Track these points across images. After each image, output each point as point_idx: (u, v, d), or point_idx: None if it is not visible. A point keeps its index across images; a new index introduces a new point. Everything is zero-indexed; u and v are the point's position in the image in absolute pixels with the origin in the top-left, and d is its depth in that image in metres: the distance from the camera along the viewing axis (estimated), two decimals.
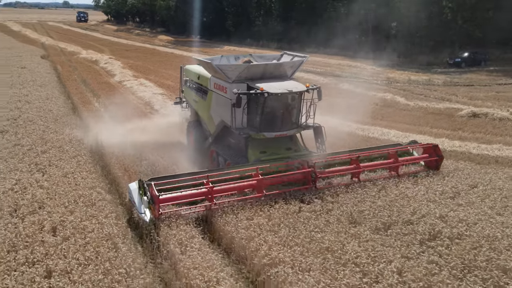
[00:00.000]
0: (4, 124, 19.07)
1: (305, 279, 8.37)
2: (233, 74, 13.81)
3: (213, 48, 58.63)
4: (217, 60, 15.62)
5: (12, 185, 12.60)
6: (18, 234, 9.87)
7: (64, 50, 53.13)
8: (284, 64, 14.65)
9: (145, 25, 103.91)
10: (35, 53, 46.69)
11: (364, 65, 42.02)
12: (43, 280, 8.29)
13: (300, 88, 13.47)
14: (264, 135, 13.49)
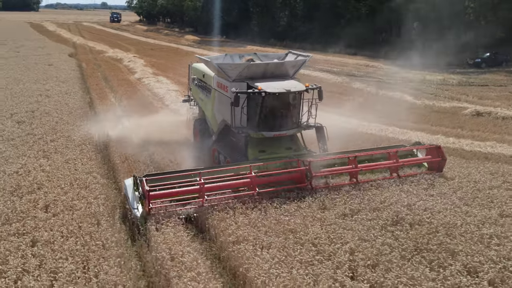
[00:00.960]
0: (22, 116, 20.43)
1: (262, 255, 9.08)
2: (234, 73, 13.81)
3: (236, 47, 59.57)
4: (220, 59, 15.81)
5: (17, 168, 13.76)
6: (14, 210, 10.93)
7: (93, 49, 55.13)
8: (286, 64, 14.59)
9: (175, 25, 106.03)
10: (64, 51, 48.72)
11: (382, 65, 42.18)
12: (28, 248, 9.28)
13: (299, 87, 13.36)
14: (263, 135, 13.45)
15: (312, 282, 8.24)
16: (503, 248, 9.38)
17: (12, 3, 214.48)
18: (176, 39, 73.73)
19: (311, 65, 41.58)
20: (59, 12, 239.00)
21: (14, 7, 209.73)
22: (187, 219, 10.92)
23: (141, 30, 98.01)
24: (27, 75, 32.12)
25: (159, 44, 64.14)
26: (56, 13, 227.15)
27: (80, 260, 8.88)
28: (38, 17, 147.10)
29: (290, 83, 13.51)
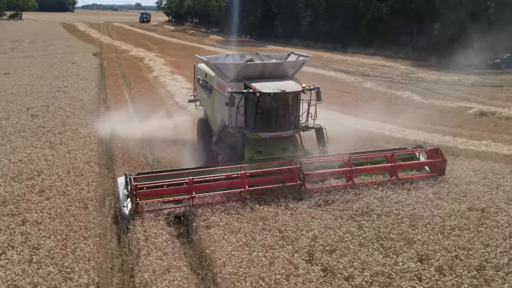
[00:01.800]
0: (37, 110, 21.62)
1: (229, 239, 9.71)
2: (231, 73, 13.77)
3: (257, 47, 60.21)
4: (221, 59, 15.87)
5: (22, 157, 14.79)
6: (12, 193, 11.90)
7: (117, 48, 56.76)
8: (284, 64, 14.48)
9: (201, 25, 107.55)
10: (89, 50, 50.41)
11: (399, 65, 42.06)
12: (17, 226, 10.18)
13: (295, 88, 13.14)
14: (259, 135, 13.26)
15: (268, 264, 8.80)
16: (460, 239, 9.71)
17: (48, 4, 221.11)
18: (200, 39, 74.92)
19: (327, 65, 42.06)
20: (93, 13, 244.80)
21: (51, 8, 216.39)
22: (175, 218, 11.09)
23: (168, 30, 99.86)
24: (49, 72, 33.60)
25: (182, 43, 65.42)
26: (90, 13, 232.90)
27: (61, 239, 9.68)
28: (72, 18, 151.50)
29: (286, 84, 13.33)
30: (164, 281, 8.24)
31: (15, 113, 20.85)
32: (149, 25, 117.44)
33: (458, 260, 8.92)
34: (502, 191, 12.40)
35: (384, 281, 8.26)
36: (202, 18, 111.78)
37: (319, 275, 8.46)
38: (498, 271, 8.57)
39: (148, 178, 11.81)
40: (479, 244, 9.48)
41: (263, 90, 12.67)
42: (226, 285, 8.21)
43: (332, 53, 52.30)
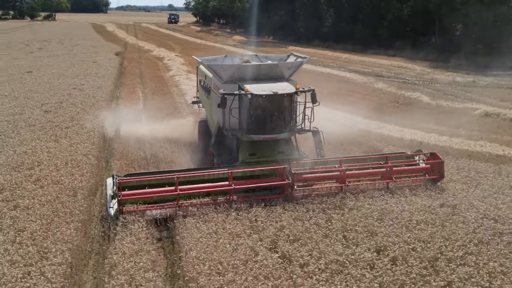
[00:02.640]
0: (50, 106, 22.67)
1: (200, 227, 10.28)
2: (225, 75, 13.77)
3: (278, 48, 60.70)
4: (220, 60, 15.92)
5: (27, 149, 15.69)
6: (10, 181, 12.76)
7: (141, 48, 58.16)
8: (280, 65, 14.37)
9: (227, 26, 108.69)
10: (113, 50, 51.84)
11: (416, 66, 41.83)
12: (8, 211, 10.98)
13: (288, 90, 12.90)
14: (252, 138, 13.09)
15: (231, 250, 9.32)
16: (422, 233, 10.00)
17: (82, 6, 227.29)
18: (223, 40, 75.78)
19: (343, 66, 42.16)
20: (125, 14, 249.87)
21: (85, 9, 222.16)
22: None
23: (194, 31, 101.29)
24: (70, 71, 34.89)
25: (205, 44, 66.37)
26: (122, 14, 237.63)
27: (46, 223, 10.40)
28: (103, 19, 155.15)
29: (280, 85, 13.13)
30: (130, 262, 8.86)
31: (30, 109, 21.92)
32: (176, 26, 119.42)
33: (414, 252, 9.25)
34: (480, 189, 12.59)
35: (336, 268, 8.67)
36: (228, 19, 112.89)
37: (276, 261, 8.93)
38: (450, 263, 8.86)
39: (135, 180, 11.72)
40: (439, 238, 9.77)
41: (254, 91, 12.55)
42: (187, 268, 8.77)
43: (351, 54, 52.26)
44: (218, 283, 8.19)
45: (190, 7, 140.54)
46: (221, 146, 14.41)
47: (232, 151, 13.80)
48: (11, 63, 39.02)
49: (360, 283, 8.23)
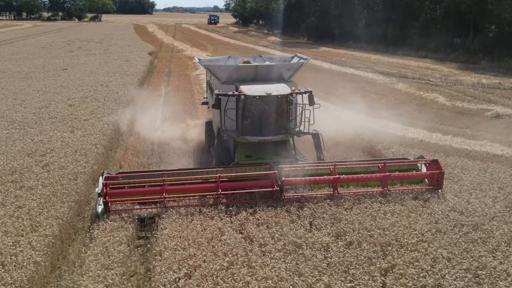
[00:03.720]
0: (75, 101, 24.19)
1: (179, 209, 11.16)
2: (223, 75, 13.88)
3: (309, 49, 61.17)
4: (222, 61, 16.15)
5: (43, 138, 17.06)
6: (21, 165, 14.05)
7: (175, 48, 59.96)
8: (279, 66, 14.30)
9: (265, 27, 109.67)
10: (147, 49, 53.68)
11: (444, 68, 41.42)
12: (14, 190, 12.20)
13: (282, 91, 12.71)
14: (247, 139, 12.98)
15: (201, 229, 10.15)
16: (385, 221, 10.51)
17: (129, 7, 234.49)
18: (257, 40, 76.77)
19: (369, 67, 42.21)
20: (170, 15, 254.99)
21: (131, 10, 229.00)
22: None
23: (231, 32, 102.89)
24: (102, 69, 36.67)
25: (238, 44, 67.55)
26: (168, 16, 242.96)
27: (44, 201, 11.54)
28: (147, 20, 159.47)
29: (275, 87, 12.96)
30: (107, 236, 9.85)
31: (56, 103, 23.49)
32: (215, 27, 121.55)
33: (371, 238, 9.79)
34: (459, 184, 12.89)
35: (292, 249, 9.36)
36: (266, 20, 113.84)
37: (238, 241, 9.68)
38: (401, 248, 9.35)
39: (128, 177, 12.04)
40: (399, 227, 10.24)
41: (248, 92, 12.49)
42: (157, 242, 9.67)
43: (381, 55, 52.11)
44: (180, 257, 9.03)
45: (230, 8, 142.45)
46: (219, 147, 14.39)
47: (229, 153, 13.85)
48: (50, 61, 41.34)
49: (309, 262, 8.87)
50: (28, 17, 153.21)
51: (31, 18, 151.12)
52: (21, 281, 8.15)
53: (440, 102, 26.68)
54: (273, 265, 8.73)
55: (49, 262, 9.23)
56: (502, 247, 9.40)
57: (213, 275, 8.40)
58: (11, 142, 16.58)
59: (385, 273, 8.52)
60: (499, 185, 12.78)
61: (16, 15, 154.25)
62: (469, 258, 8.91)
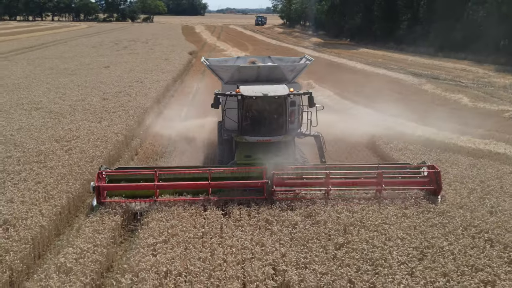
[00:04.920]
0: (109, 95, 26.11)
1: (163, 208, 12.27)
2: (226, 75, 14.18)
3: (349, 50, 61.47)
4: (231, 61, 16.62)
5: (73, 127, 18.86)
6: (48, 149, 15.80)
7: (216, 48, 61.86)
8: (281, 67, 14.39)
9: (310, 28, 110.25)
10: (188, 49, 55.83)
11: (480, 69, 40.99)
12: (37, 169, 13.84)
13: (280, 92, 12.78)
14: (246, 139, 13.19)
15: (187, 206, 11.38)
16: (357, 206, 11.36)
17: (182, 8, 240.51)
18: (300, 41, 77.62)
19: (403, 68, 42.31)
20: (222, 17, 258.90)
21: (184, 11, 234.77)
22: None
23: (276, 33, 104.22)
24: (141, 67, 38.84)
25: (279, 45, 68.67)
26: (219, 17, 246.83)
27: (60, 178, 13.12)
28: (197, 21, 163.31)
29: (274, 87, 13.05)
30: (107, 209, 11.27)
31: (91, 97, 25.49)
32: (261, 28, 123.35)
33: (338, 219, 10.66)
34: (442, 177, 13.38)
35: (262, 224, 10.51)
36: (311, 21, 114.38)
37: (217, 216, 10.83)
38: (362, 228, 10.21)
39: (119, 173, 12.64)
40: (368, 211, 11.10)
41: (245, 93, 12.64)
42: (146, 214, 10.98)
43: (420, 56, 51.77)
44: (163, 227, 10.30)
45: (277, 9, 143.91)
46: (226, 146, 14.57)
47: (230, 152, 14.10)
48: (95, 59, 44.05)
49: (274, 236, 9.91)
50: (86, 18, 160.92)
51: (88, 19, 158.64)
52: (26, 239, 9.65)
53: (463, 102, 26.78)
54: (240, 236, 9.83)
55: (54, 227, 10.73)
56: (458, 231, 10.05)
57: (186, 242, 9.60)
58: (44, 129, 18.48)
59: (339, 247, 9.43)
60: (481, 179, 13.29)
61: (74, 16, 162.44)
62: (421, 239, 9.66)
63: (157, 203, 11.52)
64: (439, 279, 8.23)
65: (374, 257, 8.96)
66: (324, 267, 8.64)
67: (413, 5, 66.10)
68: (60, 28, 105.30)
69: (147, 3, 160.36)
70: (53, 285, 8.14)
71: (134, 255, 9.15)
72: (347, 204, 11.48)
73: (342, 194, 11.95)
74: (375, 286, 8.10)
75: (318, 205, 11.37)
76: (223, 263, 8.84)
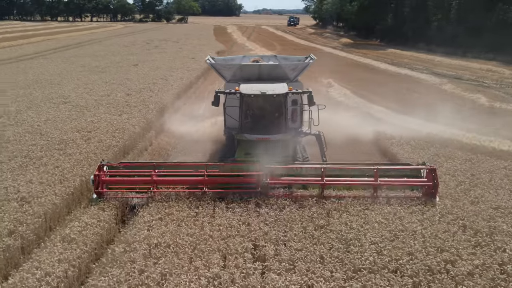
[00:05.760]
0: (133, 91, 27.41)
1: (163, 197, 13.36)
2: (228, 74, 14.54)
3: (376, 50, 61.44)
4: (237, 60, 16.91)
5: (95, 119, 20.14)
6: (69, 138, 17.08)
7: (244, 47, 62.87)
8: (283, 66, 14.54)
9: (342, 29, 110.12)
10: (217, 48, 57.08)
11: (506, 70, 40.72)
12: (58, 155, 15.05)
13: (278, 91, 12.87)
14: (245, 137, 13.37)
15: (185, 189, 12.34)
16: (344, 193, 12.02)
17: (217, 9, 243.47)
18: (329, 42, 77.88)
19: (428, 68, 42.31)
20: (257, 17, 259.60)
21: (220, 12, 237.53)
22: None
23: (307, 33, 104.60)
24: (168, 65, 40.23)
25: (307, 45, 69.16)
26: (253, 17, 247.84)
27: (76, 164, 14.31)
28: (230, 21, 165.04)
29: (273, 86, 13.12)
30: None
31: (116, 92, 26.86)
32: (293, 29, 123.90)
33: (323, 204, 11.37)
34: None
35: (252, 207, 11.28)
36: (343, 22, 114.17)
37: (211, 199, 11.73)
38: (344, 213, 10.91)
39: (127, 167, 13.10)
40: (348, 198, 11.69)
41: (243, 91, 12.91)
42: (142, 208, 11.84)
43: (448, 57, 51.26)
44: (160, 206, 11.27)
45: (310, 10, 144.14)
46: (230, 143, 15.01)
47: (232, 149, 14.51)
48: (125, 58, 45.81)
49: (261, 217, 10.75)
50: (122, 19, 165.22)
51: (124, 20, 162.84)
52: (38, 213, 10.79)
53: (480, 102, 26.86)
54: (229, 216, 10.71)
55: (65, 205, 11.86)
56: (435, 217, 10.61)
57: (179, 220, 10.56)
58: (69, 121, 19.84)
59: (318, 228, 10.16)
60: (472, 173, 13.70)
61: (112, 17, 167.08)
62: (397, 223, 10.28)
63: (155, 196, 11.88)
64: (403, 257, 8.86)
65: (348, 238, 9.64)
66: (300, 244, 9.41)
67: (444, 5, 65.40)
68: (97, 28, 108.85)
69: (182, 4, 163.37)
70: (56, 252, 9.23)
71: (131, 230, 10.18)
72: (335, 191, 12.14)
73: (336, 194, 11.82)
74: (343, 261, 8.79)
75: (307, 192, 12.09)
76: (209, 238, 9.73)
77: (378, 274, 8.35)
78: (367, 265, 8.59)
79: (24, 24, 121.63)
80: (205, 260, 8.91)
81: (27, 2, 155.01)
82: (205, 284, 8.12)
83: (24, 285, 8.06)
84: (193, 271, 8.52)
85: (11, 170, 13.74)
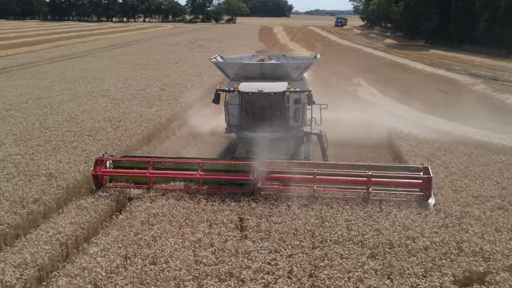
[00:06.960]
0: (167, 86, 29.12)
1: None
2: (231, 72, 14.65)
3: (418, 51, 60.99)
4: (246, 59, 17.03)
5: (126, 110, 21.90)
6: (100, 126, 18.80)
7: (285, 47, 64.11)
8: (285, 65, 14.54)
9: (389, 29, 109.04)
10: (257, 48, 58.39)
11: None
12: (88, 141, 16.76)
13: (276, 89, 12.91)
14: (245, 135, 13.54)
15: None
16: None
17: (267, 10, 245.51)
18: (372, 43, 77.64)
19: (465, 69, 42.02)
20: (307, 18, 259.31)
21: (271, 13, 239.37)
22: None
23: (352, 34, 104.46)
24: (206, 63, 40.65)
25: (350, 46, 69.52)
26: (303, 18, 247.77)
27: (101, 148, 15.84)
28: (279, 22, 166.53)
29: (272, 85, 13.16)
30: None
31: (152, 87, 28.69)
32: (339, 29, 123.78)
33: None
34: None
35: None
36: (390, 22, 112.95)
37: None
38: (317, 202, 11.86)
39: (121, 160, 13.61)
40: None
41: (242, 89, 13.02)
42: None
43: (490, 58, 50.33)
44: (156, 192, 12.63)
45: (358, 11, 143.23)
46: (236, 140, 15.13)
47: (233, 146, 14.85)
48: (168, 56, 48.04)
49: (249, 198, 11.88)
50: (173, 19, 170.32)
51: (175, 21, 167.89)
52: (62, 186, 12.39)
53: (507, 102, 26.88)
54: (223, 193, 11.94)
55: (86, 182, 13.43)
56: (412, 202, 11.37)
57: (179, 196, 11.87)
58: (103, 112, 21.70)
59: (301, 207, 11.16)
60: (466, 165, 14.21)
61: (163, 17, 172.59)
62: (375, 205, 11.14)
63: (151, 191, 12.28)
64: (370, 232, 9.76)
65: (326, 215, 10.62)
66: (280, 219, 10.49)
67: (491, 5, 63.88)
68: (148, 28, 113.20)
69: (231, 5, 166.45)
70: (70, 216, 10.78)
71: (135, 202, 11.62)
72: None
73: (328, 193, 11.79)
74: (314, 234, 9.81)
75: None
76: (201, 211, 11.02)
77: (342, 245, 9.30)
78: (334, 238, 9.56)
79: (81, 24, 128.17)
80: (193, 228, 10.17)
81: (85, 3, 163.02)
82: (188, 246, 9.36)
83: (39, 240, 9.59)
84: (181, 236, 9.79)
85: (46, 151, 15.52)
